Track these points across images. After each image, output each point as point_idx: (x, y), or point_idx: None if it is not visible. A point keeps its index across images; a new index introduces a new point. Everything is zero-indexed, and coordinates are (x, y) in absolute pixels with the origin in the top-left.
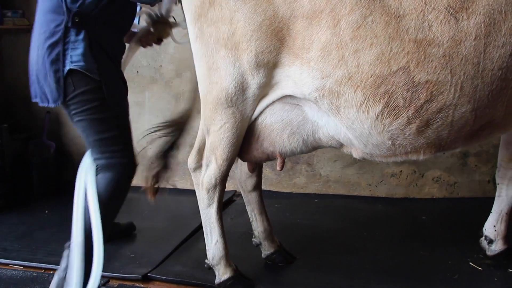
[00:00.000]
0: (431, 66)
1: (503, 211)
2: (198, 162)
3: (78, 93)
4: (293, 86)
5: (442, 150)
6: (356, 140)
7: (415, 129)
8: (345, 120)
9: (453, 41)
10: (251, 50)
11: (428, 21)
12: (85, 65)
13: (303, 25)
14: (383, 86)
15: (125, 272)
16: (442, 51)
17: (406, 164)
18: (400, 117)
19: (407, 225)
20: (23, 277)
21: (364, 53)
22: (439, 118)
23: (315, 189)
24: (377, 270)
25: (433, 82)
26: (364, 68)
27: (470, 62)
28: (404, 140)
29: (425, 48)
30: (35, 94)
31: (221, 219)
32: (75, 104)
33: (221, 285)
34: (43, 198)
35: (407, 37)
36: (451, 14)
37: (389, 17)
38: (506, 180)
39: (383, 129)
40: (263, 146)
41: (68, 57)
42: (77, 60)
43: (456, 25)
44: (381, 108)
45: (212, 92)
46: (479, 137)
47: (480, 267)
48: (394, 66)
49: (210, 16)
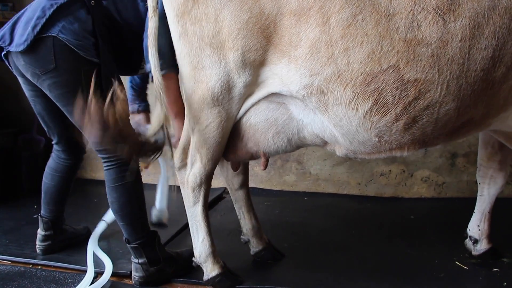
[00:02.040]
0: (420, 65)
1: (485, 210)
2: (183, 161)
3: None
4: (279, 84)
5: (425, 146)
6: (342, 137)
7: (402, 125)
8: (333, 117)
9: (441, 41)
10: (237, 48)
11: (417, 21)
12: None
13: (291, 22)
14: (373, 84)
15: (114, 268)
16: (430, 51)
17: (395, 163)
18: (389, 114)
19: (395, 224)
20: (11, 272)
21: (355, 51)
22: (425, 115)
23: (305, 187)
24: (364, 268)
25: (421, 80)
26: (355, 66)
27: (456, 62)
28: (390, 136)
29: (414, 47)
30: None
31: (207, 217)
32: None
33: (209, 281)
34: (32, 193)
35: (397, 36)
36: (439, 15)
37: (379, 16)
38: (487, 179)
39: (371, 126)
40: (248, 145)
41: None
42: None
43: (443, 26)
44: (370, 106)
45: (197, 91)
46: (459, 134)
47: (466, 266)
48: (385, 64)
49: (194, 14)
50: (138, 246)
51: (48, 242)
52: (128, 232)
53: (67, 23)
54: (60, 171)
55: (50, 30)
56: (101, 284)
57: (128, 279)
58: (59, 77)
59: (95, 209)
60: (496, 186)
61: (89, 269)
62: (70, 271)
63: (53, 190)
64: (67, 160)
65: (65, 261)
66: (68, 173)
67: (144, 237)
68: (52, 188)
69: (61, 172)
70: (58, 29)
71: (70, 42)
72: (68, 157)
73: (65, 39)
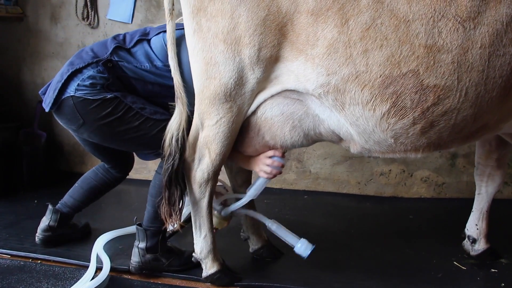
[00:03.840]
0: (439, 71)
1: (483, 209)
2: (190, 156)
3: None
4: (295, 81)
5: (439, 149)
6: (358, 136)
7: (419, 129)
8: (350, 116)
9: (461, 48)
10: (254, 44)
11: (438, 27)
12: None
13: (308, 21)
14: (391, 87)
15: (114, 264)
16: (451, 58)
17: (395, 163)
18: (406, 117)
19: (394, 223)
20: (10, 266)
21: (374, 54)
22: (443, 121)
23: (305, 185)
24: (362, 267)
25: (440, 86)
26: (373, 68)
27: (475, 69)
28: (406, 139)
29: (434, 53)
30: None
31: (211, 214)
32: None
33: (208, 278)
34: (33, 187)
35: (417, 42)
36: (459, 23)
37: (398, 21)
38: (485, 177)
39: (387, 127)
40: (265, 139)
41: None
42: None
43: (464, 33)
44: (388, 108)
45: (209, 87)
46: (473, 138)
47: (464, 267)
48: (404, 69)
49: (209, 10)
50: (145, 231)
51: (49, 233)
52: (149, 217)
53: (82, 81)
54: (106, 178)
55: (68, 91)
56: (101, 280)
57: (127, 274)
58: (92, 127)
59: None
60: (494, 184)
61: (91, 264)
62: (69, 265)
63: (89, 189)
64: (116, 173)
65: (64, 256)
66: (112, 182)
67: (157, 227)
68: (90, 187)
69: (107, 179)
70: (73, 88)
71: (88, 95)
72: (116, 171)
73: (82, 95)
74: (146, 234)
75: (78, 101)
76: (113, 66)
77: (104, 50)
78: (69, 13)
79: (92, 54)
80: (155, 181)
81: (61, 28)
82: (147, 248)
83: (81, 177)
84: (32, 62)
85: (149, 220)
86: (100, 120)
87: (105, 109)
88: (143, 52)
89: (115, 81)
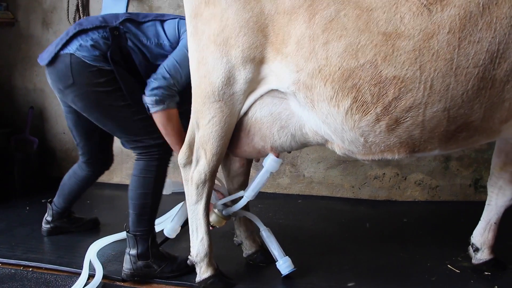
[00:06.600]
0: (399, 61)
1: (491, 220)
2: (188, 158)
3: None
4: (276, 81)
5: (418, 151)
6: (333, 135)
7: (385, 127)
8: (320, 114)
9: (425, 34)
10: (239, 45)
11: (400, 13)
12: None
13: (284, 21)
14: (350, 80)
15: (106, 270)
16: (412, 45)
17: (389, 167)
18: (369, 113)
19: (388, 227)
20: (1, 274)
21: (333, 45)
22: (409, 117)
23: (299, 190)
24: (356, 271)
25: (401, 78)
26: (332, 60)
27: (442, 58)
28: (375, 137)
29: (394, 41)
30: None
31: (207, 217)
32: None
33: (201, 283)
34: (25, 194)
35: (377, 30)
36: (424, 6)
37: (361, 11)
38: (496, 189)
39: (353, 125)
40: (254, 140)
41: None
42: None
43: (429, 17)
44: (350, 103)
45: (200, 86)
46: (458, 140)
47: (458, 270)
48: (362, 59)
49: (205, 15)
50: (134, 237)
51: (48, 226)
52: (132, 221)
53: (84, 42)
54: (78, 178)
55: (69, 48)
56: (93, 287)
57: (119, 281)
58: (79, 90)
59: (86, 212)
60: (504, 198)
61: (84, 271)
62: (61, 273)
63: (67, 190)
64: (87, 172)
65: (56, 263)
66: (84, 182)
67: (144, 231)
68: (68, 188)
69: (79, 179)
70: (75, 47)
71: (86, 58)
72: (89, 169)
73: (81, 56)
74: (136, 240)
75: (76, 61)
76: (119, 35)
77: (114, 19)
78: (60, 18)
79: (102, 19)
80: (133, 184)
81: (53, 33)
82: (138, 254)
83: (62, 179)
84: (24, 68)
85: (133, 224)
86: (89, 87)
87: (98, 78)
88: (153, 30)
89: (116, 50)
